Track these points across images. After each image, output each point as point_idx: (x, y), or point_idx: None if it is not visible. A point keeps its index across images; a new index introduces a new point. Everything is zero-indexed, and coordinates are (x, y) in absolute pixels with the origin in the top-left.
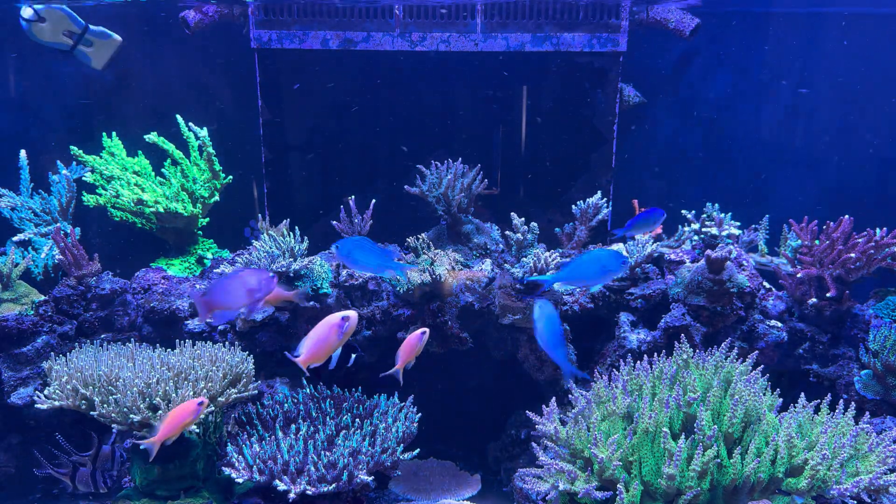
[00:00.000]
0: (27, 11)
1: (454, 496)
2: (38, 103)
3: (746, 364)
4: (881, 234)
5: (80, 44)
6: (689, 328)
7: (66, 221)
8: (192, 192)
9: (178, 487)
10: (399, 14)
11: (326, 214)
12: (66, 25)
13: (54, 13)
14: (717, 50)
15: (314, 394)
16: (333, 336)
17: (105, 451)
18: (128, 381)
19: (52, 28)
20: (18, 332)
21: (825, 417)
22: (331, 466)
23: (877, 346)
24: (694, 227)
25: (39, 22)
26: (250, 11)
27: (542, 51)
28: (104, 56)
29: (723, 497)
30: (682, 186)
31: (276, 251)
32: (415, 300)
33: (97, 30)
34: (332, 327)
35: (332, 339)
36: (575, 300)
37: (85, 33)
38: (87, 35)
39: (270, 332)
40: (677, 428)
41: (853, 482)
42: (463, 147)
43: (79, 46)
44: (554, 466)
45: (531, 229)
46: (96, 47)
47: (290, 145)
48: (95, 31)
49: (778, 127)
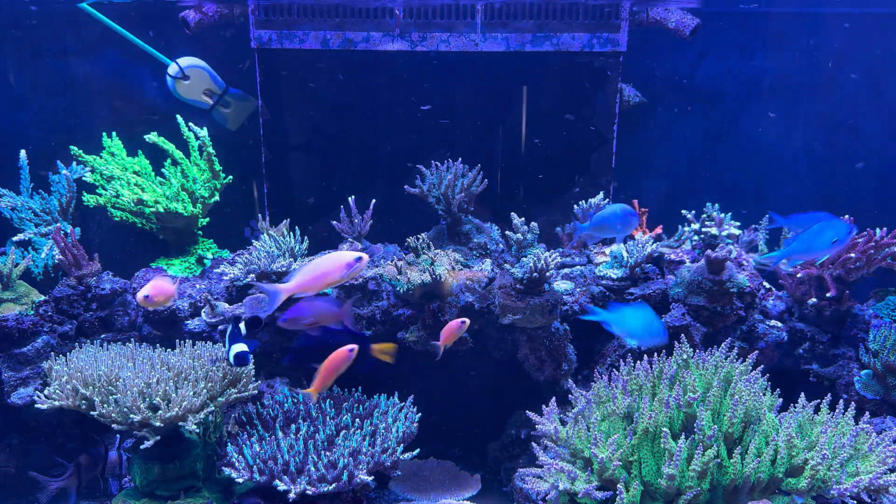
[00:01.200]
0: (173, 68)
1: (454, 496)
2: (38, 103)
3: (746, 364)
4: (881, 234)
5: (218, 104)
6: (689, 328)
7: (66, 221)
8: (192, 192)
9: (178, 487)
10: (399, 14)
11: (326, 214)
12: (208, 85)
13: (198, 72)
14: (717, 50)
15: None
16: (337, 274)
17: (112, 457)
18: (128, 381)
19: (195, 86)
20: (18, 332)
21: (825, 417)
22: (331, 466)
23: (877, 346)
24: (694, 227)
25: (183, 80)
26: (250, 11)
27: (542, 51)
28: (240, 118)
29: (723, 497)
30: (682, 186)
31: (276, 251)
32: (415, 300)
33: (236, 92)
34: (340, 265)
35: (334, 277)
36: (575, 300)
37: (225, 94)
38: (226, 96)
39: (270, 332)
40: (677, 428)
41: (853, 482)
42: (463, 147)
43: (217, 107)
44: (554, 466)
45: (531, 229)
46: (233, 108)
47: (290, 145)
48: (234, 94)
49: (778, 126)
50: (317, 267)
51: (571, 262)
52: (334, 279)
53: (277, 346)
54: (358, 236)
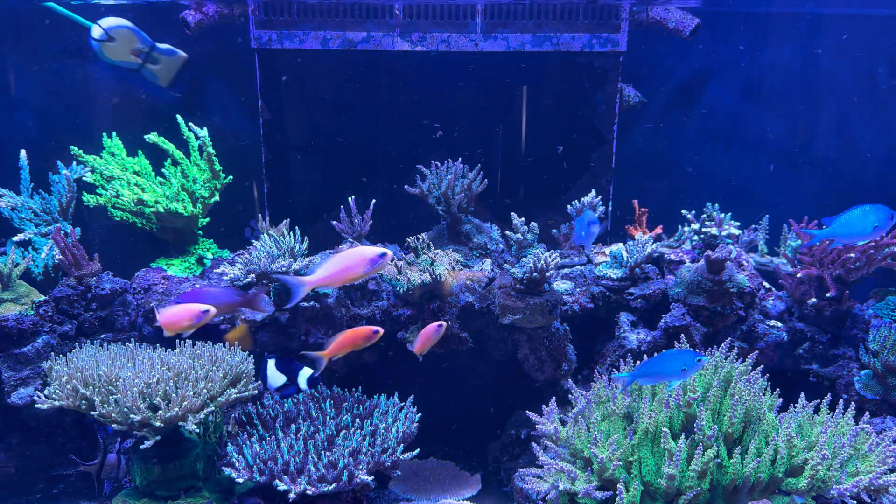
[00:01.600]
0: (97, 31)
1: (454, 496)
2: (38, 103)
3: (746, 364)
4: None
5: (147, 62)
6: (689, 328)
7: (66, 221)
8: (192, 192)
9: (178, 487)
10: (399, 14)
11: (326, 214)
12: (135, 44)
13: (123, 32)
14: (717, 50)
15: (314, 394)
16: (361, 269)
17: (111, 459)
18: (128, 381)
19: (121, 47)
20: (18, 332)
21: (825, 417)
22: (331, 466)
23: (877, 346)
24: (694, 227)
25: (109, 41)
26: (250, 11)
27: (542, 51)
28: (170, 73)
29: (723, 497)
30: (682, 186)
31: (276, 251)
32: (415, 300)
33: (164, 48)
34: (364, 259)
35: (357, 272)
36: (575, 300)
37: (152, 51)
38: (153, 53)
39: (270, 332)
40: (677, 428)
41: (853, 482)
42: (463, 147)
43: (146, 65)
44: (554, 466)
45: (531, 229)
46: (163, 65)
47: (290, 145)
48: (162, 49)
49: (778, 126)
50: (341, 261)
51: (571, 262)
52: (358, 274)
53: (278, 346)
54: (358, 236)
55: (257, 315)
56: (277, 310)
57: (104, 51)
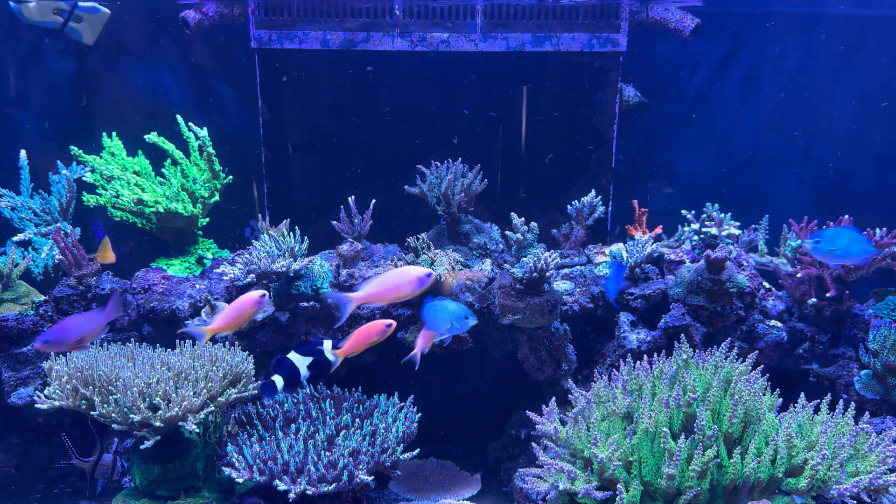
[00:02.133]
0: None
1: (454, 496)
2: (39, 103)
3: (746, 364)
4: (881, 234)
5: (70, 20)
6: (689, 328)
7: (66, 221)
8: (192, 192)
9: (178, 487)
10: (399, 14)
11: (326, 214)
12: (55, 3)
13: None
14: (717, 50)
15: (314, 394)
16: (408, 289)
17: (106, 459)
18: (128, 380)
19: (41, 7)
20: (18, 332)
21: (825, 417)
22: (331, 466)
23: (877, 346)
24: (694, 227)
25: (28, 2)
26: (250, 11)
27: (542, 51)
28: (95, 31)
29: (723, 497)
30: (681, 186)
31: (276, 251)
32: (415, 300)
33: (86, 5)
34: (412, 279)
35: (405, 291)
36: (575, 300)
37: (74, 9)
38: (76, 11)
39: (270, 332)
40: (677, 428)
41: (853, 482)
42: (463, 147)
43: (69, 23)
44: (554, 466)
45: (531, 229)
46: (86, 22)
47: (290, 145)
48: (84, 7)
49: (778, 126)
50: (389, 279)
51: (571, 262)
52: (405, 293)
53: (278, 346)
54: (358, 236)
55: (257, 315)
56: (278, 309)
57: (24, 12)
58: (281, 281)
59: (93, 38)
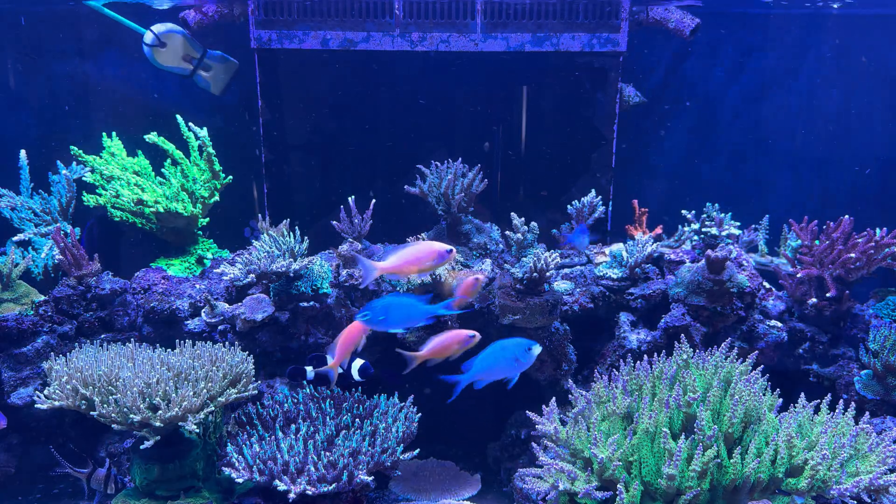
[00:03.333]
0: (148, 36)
1: (454, 496)
2: (39, 103)
3: (746, 364)
4: (881, 234)
5: (199, 68)
6: (689, 328)
7: (66, 221)
8: (192, 192)
9: (178, 487)
10: (399, 14)
11: (326, 214)
12: (187, 50)
13: (175, 38)
14: (717, 50)
15: (314, 394)
16: (429, 261)
17: (100, 474)
18: (128, 381)
19: (172, 53)
20: (18, 332)
21: (825, 417)
22: (331, 466)
23: (877, 346)
24: (694, 227)
25: (160, 47)
26: (250, 11)
27: (542, 51)
28: (223, 80)
29: (723, 497)
30: (682, 186)
31: (276, 251)
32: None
33: (216, 54)
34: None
35: (427, 263)
36: (575, 300)
37: (204, 57)
38: (205, 59)
39: (270, 332)
40: (677, 428)
41: (853, 482)
42: (463, 147)
43: (198, 71)
44: (554, 466)
45: (531, 229)
46: (215, 72)
47: (290, 145)
48: (214, 56)
49: (778, 127)
50: (412, 251)
51: (571, 262)
52: (427, 265)
53: (278, 346)
54: (358, 236)
55: (257, 315)
56: (278, 309)
57: (156, 56)
58: (281, 281)
59: (219, 89)
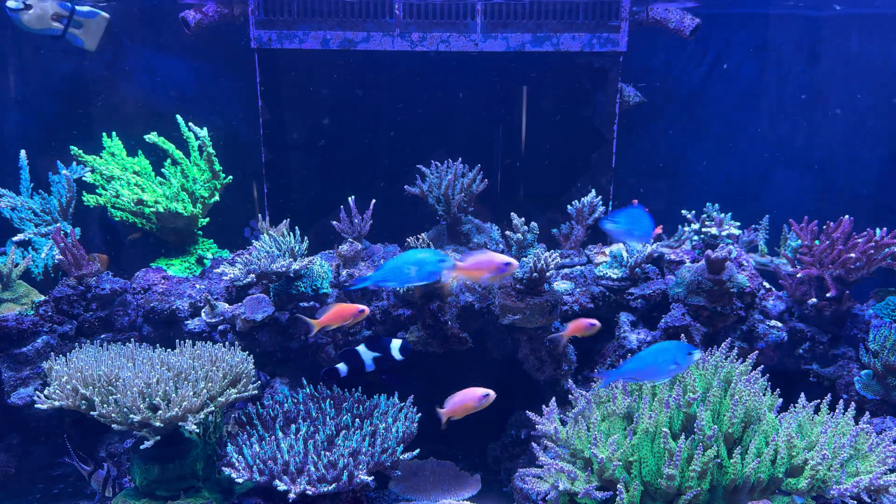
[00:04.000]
0: (12, 2)
1: (454, 496)
2: (39, 103)
3: (746, 364)
4: (881, 234)
5: (69, 26)
6: (689, 328)
7: (66, 221)
8: (192, 192)
9: (178, 487)
10: (399, 14)
11: (326, 214)
12: (54, 9)
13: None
14: (716, 50)
15: (314, 394)
16: (489, 273)
17: (100, 475)
18: (128, 381)
19: (39, 14)
20: (18, 332)
21: (825, 417)
22: (331, 466)
23: (877, 346)
24: (694, 227)
25: (26, 10)
26: (250, 11)
27: (542, 51)
28: (95, 36)
29: (723, 497)
30: (682, 186)
31: (276, 251)
32: (415, 300)
33: (84, 10)
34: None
35: (487, 274)
36: (575, 300)
37: (73, 15)
38: (75, 17)
39: (270, 332)
40: (677, 428)
41: (853, 482)
42: (463, 147)
43: (69, 29)
44: (554, 466)
45: (531, 229)
46: (86, 28)
47: (290, 145)
48: (83, 12)
49: (778, 127)
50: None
51: (571, 262)
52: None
53: (278, 346)
54: (358, 236)
55: (257, 315)
56: (278, 309)
57: (23, 20)
58: (281, 281)
59: (94, 44)
